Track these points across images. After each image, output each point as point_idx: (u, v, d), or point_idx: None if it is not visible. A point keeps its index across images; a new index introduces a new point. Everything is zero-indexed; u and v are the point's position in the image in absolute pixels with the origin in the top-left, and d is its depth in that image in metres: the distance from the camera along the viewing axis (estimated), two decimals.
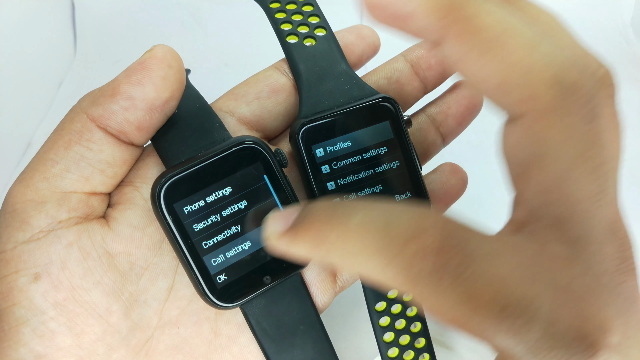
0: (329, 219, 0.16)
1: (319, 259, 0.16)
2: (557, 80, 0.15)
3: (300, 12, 0.26)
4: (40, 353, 0.19)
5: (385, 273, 0.15)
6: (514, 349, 0.14)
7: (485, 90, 0.16)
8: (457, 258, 0.14)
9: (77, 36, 0.54)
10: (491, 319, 0.14)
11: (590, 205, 0.15)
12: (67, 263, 0.19)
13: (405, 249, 0.14)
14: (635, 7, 0.58)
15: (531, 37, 0.15)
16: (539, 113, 0.15)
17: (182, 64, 0.20)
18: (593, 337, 0.14)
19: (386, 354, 0.25)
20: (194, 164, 0.20)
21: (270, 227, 0.17)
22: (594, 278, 0.15)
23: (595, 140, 0.15)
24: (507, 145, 0.16)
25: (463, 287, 0.14)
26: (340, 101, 0.24)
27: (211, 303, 0.21)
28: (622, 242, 0.16)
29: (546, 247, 0.15)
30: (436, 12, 0.15)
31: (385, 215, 0.15)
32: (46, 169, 0.19)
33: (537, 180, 0.16)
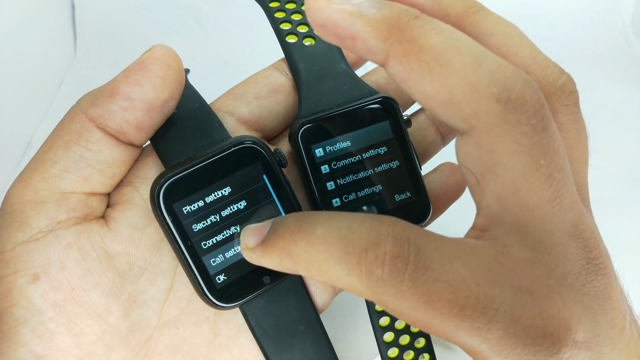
0: (295, 231, 0.17)
1: (289, 270, 0.17)
2: (503, 94, 0.15)
3: (299, 12, 0.26)
4: (39, 353, 0.19)
5: (347, 282, 0.15)
6: (479, 347, 0.15)
7: (432, 108, 0.16)
8: (413, 263, 0.14)
9: (77, 36, 0.54)
10: (451, 320, 0.14)
11: (547, 210, 0.16)
12: (66, 263, 0.19)
13: (364, 257, 0.15)
14: (635, 7, 0.58)
15: (476, 54, 0.15)
16: (487, 127, 0.15)
17: (181, 64, 0.20)
18: (556, 335, 0.15)
19: (386, 353, 0.25)
20: (193, 164, 0.20)
21: (245, 241, 0.19)
22: (557, 279, 0.15)
23: (547, 149, 0.15)
24: (461, 156, 0.17)
25: (421, 290, 0.14)
26: (340, 101, 0.24)
27: (210, 303, 0.21)
28: (586, 243, 0.16)
29: (507, 251, 0.16)
30: (379, 34, 0.15)
31: (346, 225, 0.16)
32: (45, 169, 0.19)
33: (492, 189, 0.16)
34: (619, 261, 0.38)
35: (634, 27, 0.57)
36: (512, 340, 0.14)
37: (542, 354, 0.14)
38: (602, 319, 0.16)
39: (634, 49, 0.56)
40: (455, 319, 0.14)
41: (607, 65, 0.54)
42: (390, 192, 0.24)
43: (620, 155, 0.46)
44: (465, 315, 0.14)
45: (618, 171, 0.45)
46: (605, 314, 0.16)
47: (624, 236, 0.40)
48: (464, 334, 0.14)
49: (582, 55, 0.54)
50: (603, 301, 0.16)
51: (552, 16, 0.58)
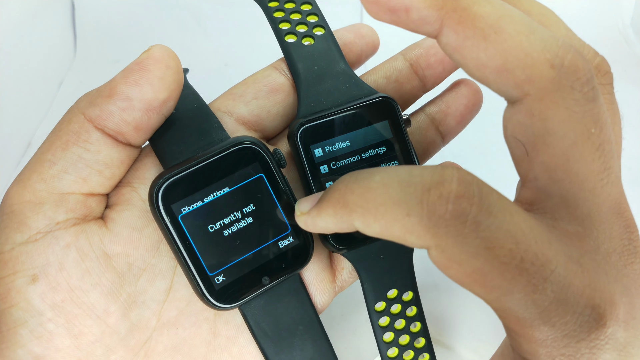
0: (352, 181, 0.16)
1: (343, 222, 0.16)
2: (557, 61, 0.15)
3: (298, 11, 0.25)
4: (38, 354, 0.19)
5: (405, 223, 0.15)
6: (527, 312, 0.14)
7: (485, 77, 0.16)
8: (478, 206, 0.14)
9: (77, 36, 0.54)
10: (509, 273, 0.14)
11: (595, 183, 0.16)
12: (65, 264, 0.19)
13: (427, 195, 0.14)
14: (635, 7, 0.58)
15: (528, 23, 0.15)
16: (540, 93, 0.15)
17: (179, 64, 0.20)
18: (603, 308, 0.14)
19: (386, 353, 0.25)
20: (192, 164, 0.20)
21: (299, 208, 0.19)
22: (603, 255, 0.15)
23: (597, 119, 0.15)
24: (510, 127, 0.17)
25: (484, 236, 0.14)
26: (339, 101, 0.24)
27: (209, 304, 0.21)
28: (627, 223, 0.16)
29: (557, 224, 0.16)
30: (433, 3, 0.16)
31: (407, 170, 0.15)
32: (44, 170, 0.19)
33: (542, 160, 0.16)
34: None
35: (634, 27, 0.57)
36: (563, 307, 0.14)
37: (588, 325, 0.14)
38: (638, 303, 0.16)
39: (634, 49, 0.56)
40: (514, 270, 0.14)
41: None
42: None
43: (620, 154, 0.46)
44: (524, 268, 0.14)
45: None
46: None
47: None
48: (519, 291, 0.14)
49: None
50: (639, 285, 0.16)
51: None
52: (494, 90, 0.16)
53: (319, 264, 0.24)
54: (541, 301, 0.14)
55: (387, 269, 0.24)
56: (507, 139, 0.17)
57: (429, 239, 0.14)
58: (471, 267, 0.14)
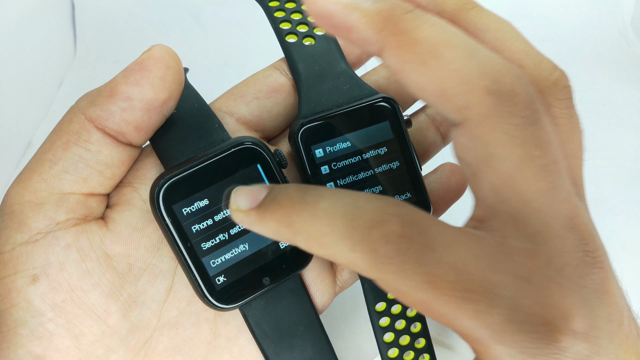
0: (298, 202, 0.16)
1: (285, 239, 0.17)
2: (494, 87, 0.15)
3: (299, 11, 0.25)
4: (38, 354, 0.19)
5: (350, 257, 0.15)
6: (478, 332, 0.15)
7: (426, 99, 0.16)
8: (419, 243, 0.15)
9: (77, 36, 0.54)
10: (453, 303, 0.14)
11: (542, 201, 0.16)
12: (66, 264, 0.19)
13: (370, 233, 0.15)
14: (635, 7, 0.58)
15: (468, 47, 0.15)
16: (479, 119, 0.15)
17: (180, 64, 0.20)
18: (556, 324, 0.15)
19: (386, 354, 0.25)
20: (192, 165, 0.20)
21: (236, 202, 0.18)
22: (556, 270, 0.16)
23: (539, 141, 0.15)
24: (457, 148, 0.17)
25: (425, 271, 0.14)
26: (340, 101, 0.24)
27: (210, 304, 0.21)
28: (582, 236, 0.16)
29: (506, 242, 0.16)
30: (374, 25, 0.16)
31: (352, 202, 0.16)
32: (44, 170, 0.19)
33: (488, 180, 0.16)
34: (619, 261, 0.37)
35: (634, 27, 0.57)
36: (513, 326, 0.14)
37: (541, 341, 0.14)
38: (600, 312, 0.16)
39: (634, 49, 0.56)
40: (457, 300, 0.14)
41: (607, 65, 0.54)
42: (391, 193, 0.24)
43: (620, 155, 0.46)
44: (467, 297, 0.14)
45: (618, 171, 0.45)
46: (603, 307, 0.16)
47: (624, 236, 0.40)
48: (465, 317, 0.14)
49: (582, 55, 0.54)
50: (601, 294, 0.16)
51: (552, 16, 0.58)
52: (437, 110, 0.17)
53: (319, 265, 0.24)
54: (490, 324, 0.14)
55: None
56: (457, 159, 0.18)
57: (373, 273, 0.15)
58: (415, 299, 0.15)
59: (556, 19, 0.58)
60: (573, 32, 0.57)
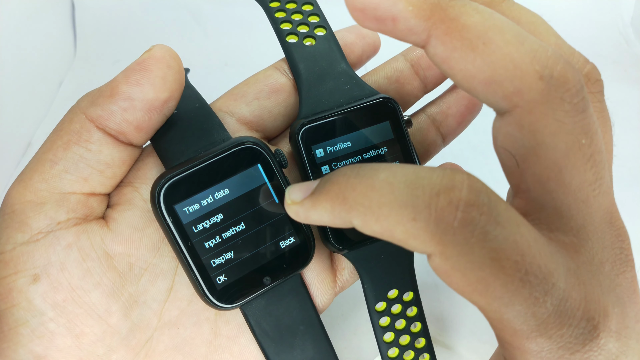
0: (353, 176, 0.16)
1: (340, 219, 0.16)
2: (546, 72, 0.15)
3: (300, 12, 0.25)
4: (39, 354, 0.19)
5: (409, 228, 0.14)
6: (525, 324, 0.14)
7: (473, 88, 0.16)
8: (487, 215, 0.14)
9: (77, 36, 0.54)
10: (512, 285, 0.14)
11: (588, 193, 0.16)
12: (66, 264, 0.19)
13: (436, 200, 0.14)
14: (635, 7, 0.58)
15: (517, 33, 0.15)
16: (530, 105, 0.15)
17: (181, 64, 0.20)
18: (597, 320, 0.15)
19: (386, 354, 0.25)
20: (193, 164, 0.20)
21: (290, 196, 0.18)
22: (597, 266, 0.15)
23: (588, 129, 0.15)
24: (500, 139, 0.17)
25: (491, 246, 0.14)
26: (340, 101, 0.24)
27: (211, 304, 0.21)
28: (619, 232, 0.16)
29: (554, 235, 0.16)
30: (421, 13, 0.15)
31: (414, 170, 0.15)
32: (45, 170, 0.19)
33: (533, 171, 0.16)
34: None
35: (634, 27, 0.57)
36: (560, 319, 0.14)
37: (583, 337, 0.14)
38: (630, 311, 0.16)
39: (634, 49, 0.56)
40: (518, 282, 0.14)
41: (607, 65, 0.54)
42: None
43: (620, 155, 0.46)
44: (527, 280, 0.14)
45: (618, 171, 0.45)
46: (632, 306, 0.16)
47: None
48: (520, 303, 0.14)
49: None
50: (631, 293, 0.16)
51: (552, 16, 0.58)
52: (482, 101, 0.16)
53: (320, 264, 0.24)
54: (540, 314, 0.14)
55: (388, 269, 0.24)
56: (497, 150, 0.17)
57: (434, 246, 0.14)
58: (475, 276, 0.14)
59: (556, 19, 0.58)
60: (573, 32, 0.56)
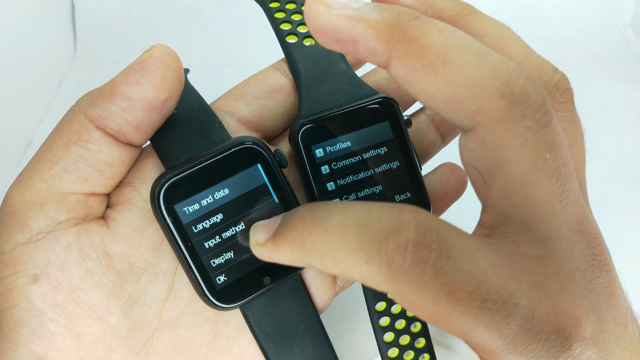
0: (309, 220, 0.16)
1: (301, 262, 0.16)
2: (507, 90, 0.15)
3: (299, 12, 0.25)
4: (39, 354, 0.19)
5: (365, 270, 0.15)
6: (493, 344, 0.14)
7: (436, 107, 0.16)
8: (437, 252, 0.14)
9: (77, 36, 0.54)
10: (471, 313, 0.14)
11: (554, 206, 0.16)
12: (66, 264, 0.19)
13: (385, 244, 0.14)
14: (635, 7, 0.58)
15: (477, 51, 0.15)
16: (492, 123, 0.15)
17: (180, 64, 0.20)
18: (568, 331, 0.15)
19: (386, 354, 0.25)
20: (193, 164, 0.20)
21: (254, 237, 0.18)
22: (566, 275, 0.16)
23: (551, 144, 0.15)
24: (466, 155, 0.17)
25: (444, 281, 0.14)
26: (340, 101, 0.24)
27: (211, 304, 0.21)
28: (590, 239, 0.16)
29: (518, 248, 0.16)
30: (380, 35, 0.15)
31: (364, 213, 0.15)
32: (45, 170, 0.19)
33: (499, 186, 0.16)
34: (619, 261, 0.37)
35: (634, 27, 0.57)
36: (528, 336, 0.14)
37: (555, 350, 0.14)
38: (607, 316, 0.16)
39: (634, 49, 0.56)
40: (476, 311, 0.14)
41: (607, 65, 0.54)
42: (391, 193, 0.24)
43: (620, 155, 0.46)
44: (486, 308, 0.14)
45: (618, 171, 0.45)
46: (610, 310, 0.16)
47: (624, 236, 0.40)
48: (483, 329, 0.14)
49: (582, 55, 0.54)
50: (607, 298, 0.16)
51: (552, 16, 0.58)
52: (446, 119, 0.16)
53: None
54: (506, 334, 0.14)
55: None
56: (464, 166, 0.17)
57: (389, 286, 0.14)
58: (433, 311, 0.14)
59: (556, 19, 0.58)
60: (573, 32, 0.57)
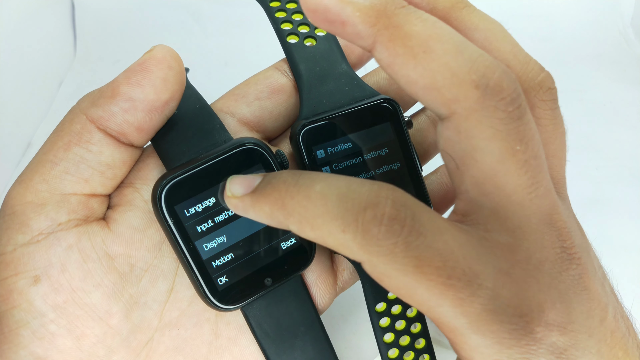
0: (292, 185, 0.17)
1: (277, 222, 0.17)
2: (482, 81, 0.16)
3: (300, 12, 0.25)
4: (40, 355, 0.19)
5: (341, 238, 0.15)
6: (458, 322, 0.15)
7: (415, 93, 0.17)
8: (409, 226, 0.15)
9: (77, 36, 0.54)
10: (437, 288, 0.15)
11: (523, 196, 0.16)
12: (67, 265, 0.19)
13: (363, 215, 0.15)
14: (635, 7, 0.58)
15: (457, 43, 0.16)
16: (466, 112, 0.16)
17: (182, 64, 0.20)
18: (531, 315, 0.15)
19: (386, 354, 0.25)
20: (194, 165, 0.20)
21: (231, 189, 0.19)
22: (534, 265, 0.16)
23: (523, 136, 0.16)
24: (442, 142, 0.17)
25: (413, 254, 0.15)
26: (341, 102, 0.24)
27: (212, 305, 0.21)
28: (560, 232, 0.17)
29: (489, 235, 0.16)
30: (367, 19, 0.16)
31: (345, 185, 0.16)
32: (45, 171, 0.19)
33: (471, 173, 0.17)
34: (619, 261, 0.38)
35: (634, 27, 0.57)
36: (491, 316, 0.15)
37: (517, 332, 0.15)
38: (577, 307, 0.16)
39: (634, 49, 0.56)
40: (441, 286, 0.15)
41: (607, 65, 0.54)
42: None
43: (620, 155, 0.46)
44: (450, 284, 0.15)
45: (618, 171, 0.45)
46: (581, 302, 0.16)
47: (624, 236, 0.40)
48: (447, 304, 0.15)
49: (582, 55, 0.54)
50: (579, 290, 0.17)
51: (552, 16, 0.58)
52: (425, 106, 0.17)
53: (320, 265, 0.24)
54: (470, 313, 0.15)
55: None
56: (441, 153, 0.18)
57: (362, 255, 0.15)
58: (401, 282, 0.15)
59: (556, 19, 0.58)
60: (573, 32, 0.57)
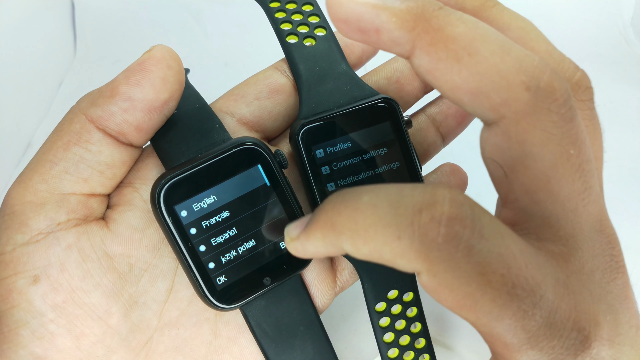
0: (339, 202, 0.15)
1: (332, 245, 0.16)
2: (532, 83, 0.15)
3: (300, 12, 0.25)
4: (39, 355, 0.19)
5: (395, 247, 0.14)
6: (516, 337, 0.14)
7: (459, 99, 0.16)
8: (470, 228, 0.14)
9: (77, 36, 0.54)
10: (500, 299, 0.14)
11: (577, 203, 0.15)
12: (66, 265, 0.19)
13: (419, 217, 0.14)
14: (635, 7, 0.58)
15: (503, 43, 0.15)
16: (517, 116, 0.15)
17: (181, 64, 0.20)
18: (588, 330, 0.14)
19: (386, 354, 0.25)
20: (194, 165, 0.20)
21: (288, 234, 0.18)
22: (587, 275, 0.15)
23: (576, 139, 0.15)
24: (487, 149, 0.16)
25: (476, 260, 0.13)
26: (341, 102, 0.24)
27: (211, 304, 0.21)
28: (609, 239, 0.16)
29: (543, 245, 0.15)
30: (405, 24, 0.15)
31: (396, 189, 0.15)
32: (45, 171, 0.19)
33: (521, 182, 0.16)
34: None
35: (634, 27, 0.57)
36: (550, 331, 0.14)
37: (575, 347, 0.14)
38: (622, 318, 0.15)
39: (634, 49, 0.56)
40: (505, 296, 0.13)
41: (607, 65, 0.54)
42: None
43: (620, 155, 0.46)
44: (515, 294, 0.14)
45: (618, 171, 0.45)
46: (624, 312, 0.16)
47: (624, 236, 0.40)
48: (509, 317, 0.14)
49: (582, 55, 0.54)
50: (623, 300, 0.16)
51: (552, 16, 0.58)
52: (469, 112, 0.16)
53: (320, 265, 0.24)
54: (530, 327, 0.14)
55: (388, 270, 0.24)
56: (485, 160, 0.17)
57: (420, 263, 0.14)
58: (463, 292, 0.14)
59: (556, 19, 0.58)
60: (573, 32, 0.57)
